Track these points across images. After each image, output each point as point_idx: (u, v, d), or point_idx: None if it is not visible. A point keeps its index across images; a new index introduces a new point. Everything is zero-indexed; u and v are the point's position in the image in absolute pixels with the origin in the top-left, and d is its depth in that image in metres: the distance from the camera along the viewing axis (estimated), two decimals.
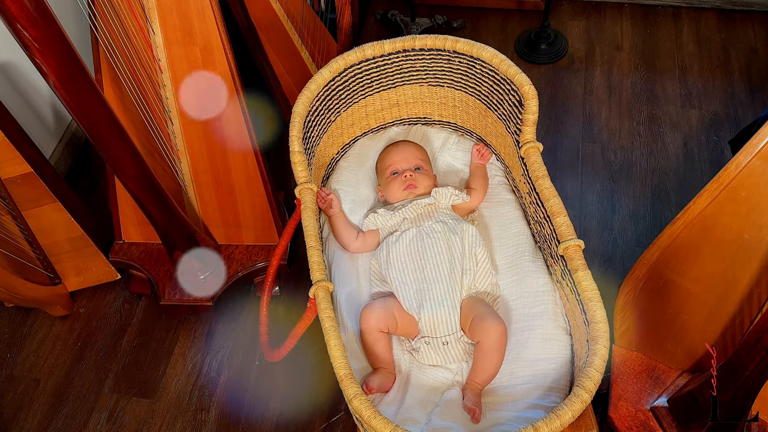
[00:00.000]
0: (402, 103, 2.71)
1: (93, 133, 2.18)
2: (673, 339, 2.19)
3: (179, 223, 2.68)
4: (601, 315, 1.86)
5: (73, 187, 3.11)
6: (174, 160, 2.80)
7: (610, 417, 2.10)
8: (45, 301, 2.94)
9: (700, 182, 3.25)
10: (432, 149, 2.71)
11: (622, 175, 3.36)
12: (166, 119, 2.75)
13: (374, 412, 1.72)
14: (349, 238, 2.45)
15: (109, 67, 2.62)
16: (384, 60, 2.51)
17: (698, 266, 2.16)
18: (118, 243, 3.04)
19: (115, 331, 3.02)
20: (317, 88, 2.42)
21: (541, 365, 2.08)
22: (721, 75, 3.74)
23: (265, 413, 2.74)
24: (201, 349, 2.93)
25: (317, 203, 2.41)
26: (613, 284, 2.68)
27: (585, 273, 1.96)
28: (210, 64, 2.66)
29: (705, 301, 2.15)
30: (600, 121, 3.59)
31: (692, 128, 3.51)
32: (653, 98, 3.67)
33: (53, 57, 1.89)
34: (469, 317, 2.15)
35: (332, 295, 2.21)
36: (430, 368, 2.17)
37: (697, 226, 2.13)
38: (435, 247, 2.26)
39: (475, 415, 1.96)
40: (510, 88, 2.33)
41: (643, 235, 3.13)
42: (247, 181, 2.85)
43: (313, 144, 2.47)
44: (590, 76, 3.81)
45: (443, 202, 2.43)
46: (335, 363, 1.84)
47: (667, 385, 2.14)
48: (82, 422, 2.77)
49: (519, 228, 2.43)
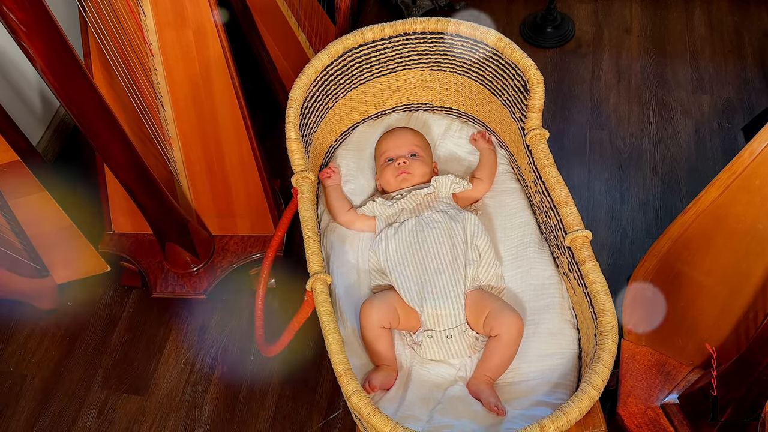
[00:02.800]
0: (403, 88, 2.70)
1: (82, 120, 2.18)
2: (684, 333, 2.19)
3: (171, 212, 2.68)
4: (610, 308, 1.86)
5: (62, 175, 3.10)
6: (166, 147, 2.80)
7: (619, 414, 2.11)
8: (32, 294, 2.94)
9: (712, 171, 3.24)
10: (433, 136, 2.71)
11: (631, 164, 3.35)
12: (158, 105, 2.74)
13: (374, 410, 1.72)
14: (341, 209, 2.48)
15: (98, 50, 2.62)
16: (384, 44, 2.51)
17: (710, 258, 2.15)
18: (108, 234, 3.03)
19: (104, 326, 3.02)
20: (315, 73, 2.41)
21: (548, 361, 2.09)
22: (734, 59, 3.73)
23: (261, 410, 2.74)
24: (194, 344, 2.93)
25: (320, 175, 2.42)
26: (622, 277, 2.69)
27: (593, 265, 1.96)
28: (203, 47, 2.66)
29: (717, 294, 2.15)
30: (608, 107, 3.58)
31: (704, 114, 3.50)
32: (663, 83, 3.66)
33: (40, 40, 1.89)
34: (479, 311, 2.15)
35: (330, 287, 2.22)
36: (432, 364, 2.17)
37: (709, 216, 2.12)
38: (436, 237, 2.26)
39: (499, 410, 1.97)
40: (515, 73, 2.33)
41: (652, 226, 3.13)
42: (242, 169, 2.85)
43: (310, 131, 2.46)
44: (598, 60, 3.81)
45: (443, 190, 2.42)
46: (333, 358, 1.84)
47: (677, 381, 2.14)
48: (71, 419, 2.77)
49: (524, 218, 2.43)
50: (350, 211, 2.48)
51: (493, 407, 1.97)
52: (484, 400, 2.01)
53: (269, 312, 2.92)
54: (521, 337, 2.11)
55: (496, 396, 2.02)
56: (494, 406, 1.97)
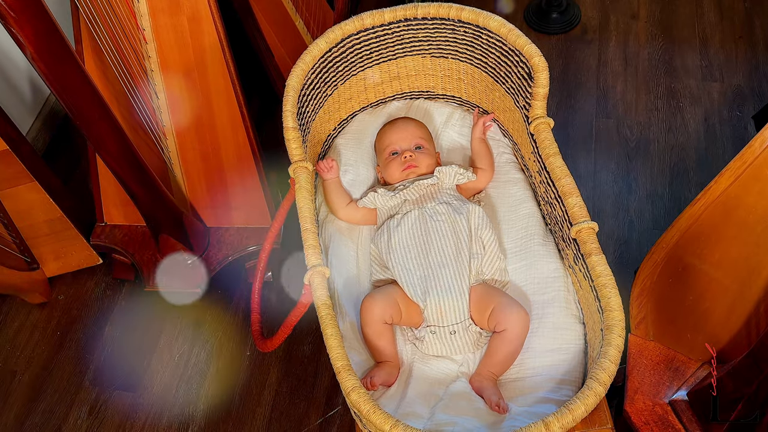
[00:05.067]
0: (403, 75, 2.70)
1: (73, 108, 2.18)
2: (693, 328, 2.19)
3: (165, 203, 2.68)
4: (616, 302, 1.86)
5: (52, 165, 3.09)
6: (159, 136, 2.80)
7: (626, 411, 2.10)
8: (22, 288, 2.94)
9: (722, 160, 3.25)
10: (435, 125, 2.71)
11: (639, 153, 3.35)
12: (151, 93, 2.74)
13: (373, 407, 1.72)
14: (340, 203, 2.48)
15: (90, 37, 2.61)
16: (384, 30, 2.51)
17: (720, 250, 2.15)
18: (100, 225, 3.03)
19: (96, 320, 3.02)
20: (312, 60, 2.41)
21: (553, 356, 2.09)
22: (745, 46, 3.73)
23: (257, 407, 2.74)
24: (188, 339, 2.93)
25: (316, 169, 2.42)
26: (629, 269, 2.69)
27: (599, 257, 1.96)
28: (198, 33, 2.66)
29: (727, 287, 2.15)
30: (615, 95, 3.58)
31: (714, 103, 3.50)
32: (672, 71, 3.66)
33: (30, 26, 1.89)
34: (484, 306, 2.15)
35: (329, 281, 2.22)
36: (434, 359, 2.17)
37: (719, 207, 2.12)
38: (439, 230, 2.26)
39: (501, 409, 1.97)
40: (519, 60, 2.32)
41: (661, 217, 3.13)
42: (238, 159, 2.85)
43: (308, 120, 2.46)
44: (605, 46, 3.80)
45: (447, 181, 2.42)
46: (332, 353, 1.84)
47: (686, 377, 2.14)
48: (62, 417, 2.77)
49: (528, 209, 2.43)
50: (350, 205, 2.48)
51: (495, 405, 1.97)
52: (487, 397, 2.01)
53: (266, 306, 2.92)
54: (527, 333, 2.11)
55: (499, 393, 2.02)
56: (496, 405, 1.97)
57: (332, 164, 2.49)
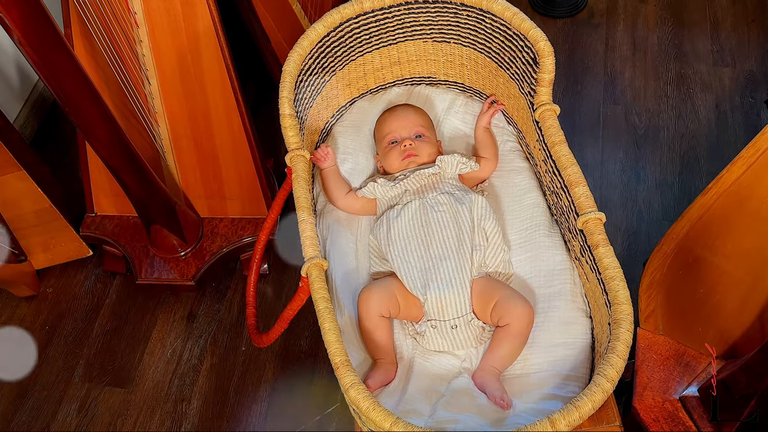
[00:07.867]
0: (404, 61, 2.70)
1: (62, 94, 2.18)
2: (704, 322, 2.19)
3: (157, 193, 2.68)
4: (624, 295, 1.86)
5: (40, 153, 3.10)
6: (151, 123, 2.79)
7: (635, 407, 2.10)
8: (9, 280, 2.94)
9: (734, 148, 3.24)
10: (436, 112, 2.70)
11: (648, 141, 3.35)
12: (143, 79, 2.74)
13: (373, 403, 1.72)
14: (339, 193, 2.47)
15: (79, 20, 2.61)
16: (384, 13, 2.50)
17: (732, 241, 2.15)
18: (90, 216, 3.03)
19: (86, 314, 3.02)
20: (310, 45, 2.41)
21: (559, 351, 2.09)
22: (758, 30, 3.72)
23: (253, 404, 2.75)
24: (181, 334, 2.94)
25: (312, 160, 2.42)
26: (638, 261, 2.69)
27: (606, 249, 1.96)
28: (191, 17, 2.65)
29: (740, 279, 2.14)
30: (623, 81, 3.58)
31: (725, 88, 3.50)
32: (682, 55, 3.65)
33: (17, 9, 1.88)
34: (487, 299, 2.14)
35: (327, 273, 2.22)
36: (436, 354, 2.17)
37: (731, 197, 2.12)
38: (441, 221, 2.26)
39: (505, 404, 1.97)
40: (523, 45, 2.32)
41: (670, 207, 3.13)
42: (233, 147, 2.85)
43: (305, 106, 2.46)
44: (612, 31, 3.80)
45: (449, 171, 2.42)
46: (330, 349, 1.84)
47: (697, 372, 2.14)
48: (50, 414, 2.77)
49: (533, 199, 2.43)
50: (349, 195, 2.47)
51: (499, 400, 1.96)
52: (490, 392, 2.01)
53: (262, 299, 2.93)
54: (531, 328, 2.11)
55: (503, 388, 2.02)
56: (500, 399, 1.96)
57: (328, 151, 2.48)
